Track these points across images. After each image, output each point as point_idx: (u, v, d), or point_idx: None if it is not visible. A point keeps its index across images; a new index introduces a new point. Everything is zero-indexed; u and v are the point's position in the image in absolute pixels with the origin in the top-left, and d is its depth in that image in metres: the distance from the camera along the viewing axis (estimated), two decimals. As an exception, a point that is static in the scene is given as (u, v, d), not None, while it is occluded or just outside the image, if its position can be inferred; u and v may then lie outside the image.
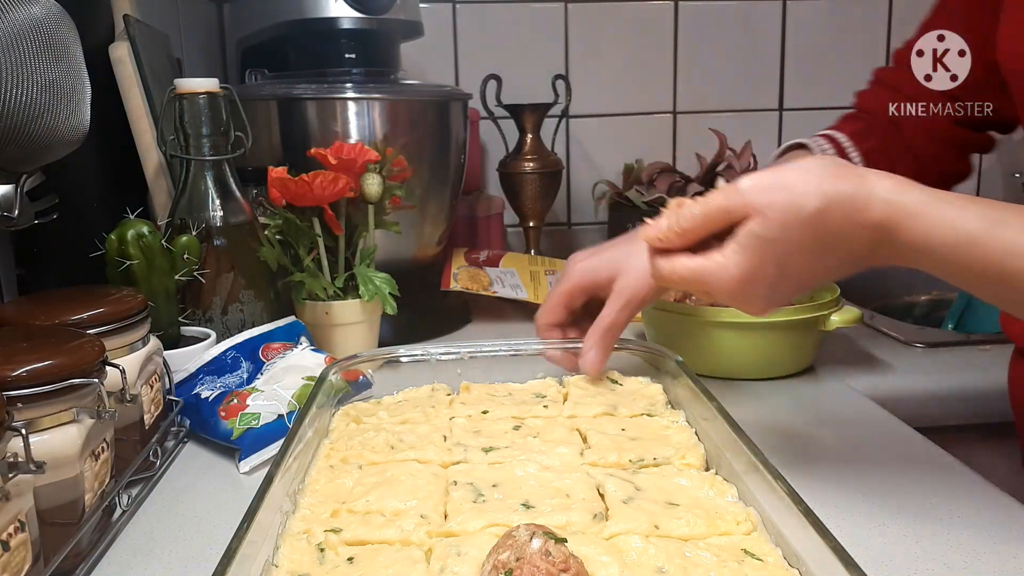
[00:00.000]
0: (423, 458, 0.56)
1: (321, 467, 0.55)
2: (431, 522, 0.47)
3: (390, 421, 0.62)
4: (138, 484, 0.63)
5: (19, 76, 0.58)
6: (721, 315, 0.81)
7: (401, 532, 0.46)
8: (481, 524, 0.47)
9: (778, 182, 0.50)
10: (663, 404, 0.65)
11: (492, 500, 0.49)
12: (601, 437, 0.58)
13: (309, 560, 0.43)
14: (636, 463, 0.55)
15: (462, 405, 0.65)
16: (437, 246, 1.12)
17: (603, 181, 1.49)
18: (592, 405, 0.64)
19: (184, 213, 0.83)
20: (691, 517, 0.47)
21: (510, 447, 0.57)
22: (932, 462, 0.65)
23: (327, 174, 0.81)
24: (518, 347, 0.71)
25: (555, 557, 0.39)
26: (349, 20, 1.03)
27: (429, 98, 1.06)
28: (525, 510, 0.48)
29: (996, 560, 0.51)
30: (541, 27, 1.52)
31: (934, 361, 0.93)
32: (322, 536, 0.46)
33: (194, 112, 0.82)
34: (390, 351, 0.70)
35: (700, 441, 0.58)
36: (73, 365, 0.50)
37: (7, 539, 0.43)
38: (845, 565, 0.37)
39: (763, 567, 0.42)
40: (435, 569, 0.42)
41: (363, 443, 0.57)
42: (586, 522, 0.47)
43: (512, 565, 0.39)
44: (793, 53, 1.59)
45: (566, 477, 0.52)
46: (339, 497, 0.50)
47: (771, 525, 0.46)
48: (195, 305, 0.83)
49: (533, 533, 0.40)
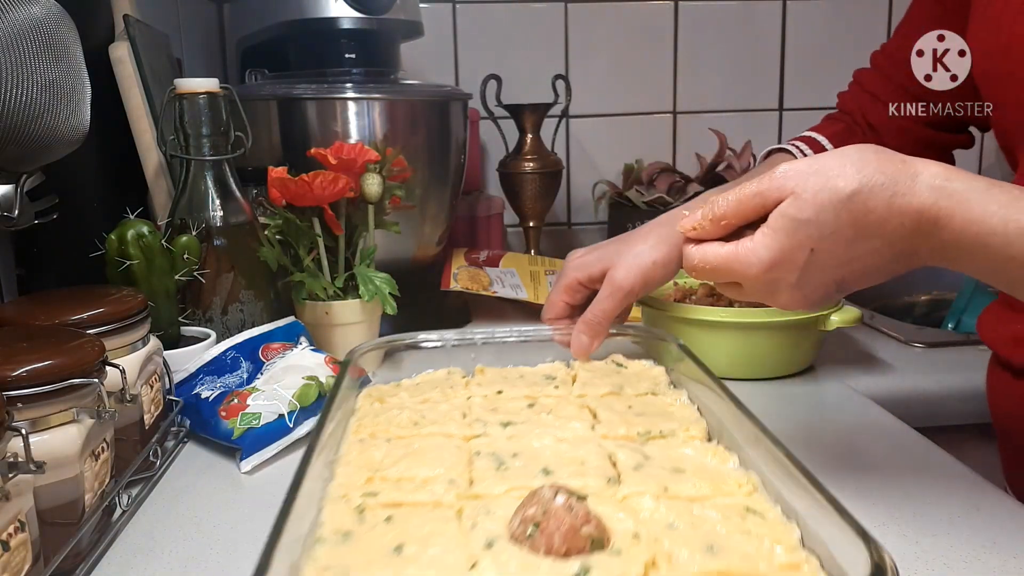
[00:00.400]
0: (446, 432, 0.59)
1: (352, 441, 0.58)
2: (459, 487, 0.51)
3: (411, 401, 0.65)
4: (138, 484, 0.63)
5: (19, 76, 0.58)
6: (721, 315, 0.81)
7: (432, 495, 0.49)
8: (505, 488, 0.50)
9: (815, 166, 0.49)
10: (666, 384, 0.68)
11: (513, 468, 0.53)
12: (610, 413, 0.61)
13: (350, 520, 0.47)
14: (644, 435, 0.58)
15: (478, 386, 0.68)
16: (437, 246, 1.12)
17: (603, 181, 1.49)
18: (600, 385, 0.67)
19: (184, 213, 0.83)
20: (697, 481, 0.50)
21: (526, 422, 0.60)
22: (932, 462, 0.65)
23: (327, 174, 0.81)
24: (527, 333, 0.75)
25: (577, 511, 0.43)
26: (349, 20, 1.04)
27: (429, 98, 1.06)
28: (545, 475, 0.51)
29: (996, 560, 0.51)
30: (541, 27, 1.52)
31: (934, 361, 0.93)
32: (360, 499, 0.49)
33: (194, 112, 0.82)
34: (410, 336, 0.73)
35: (702, 416, 0.61)
36: (73, 365, 0.51)
37: (7, 539, 0.43)
38: (840, 514, 0.41)
39: (764, 522, 0.46)
40: (467, 526, 0.46)
41: (388, 420, 0.61)
42: (601, 486, 0.50)
43: (539, 519, 0.42)
44: (793, 53, 1.59)
45: (580, 448, 0.55)
46: (371, 467, 0.53)
47: (770, 487, 0.49)
48: (195, 305, 0.83)
49: (557, 491, 0.44)
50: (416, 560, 0.42)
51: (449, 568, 0.41)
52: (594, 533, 0.43)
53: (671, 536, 0.44)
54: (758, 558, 0.42)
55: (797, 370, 0.85)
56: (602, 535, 0.43)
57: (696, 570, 0.41)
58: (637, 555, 0.42)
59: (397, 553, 0.43)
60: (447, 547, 0.43)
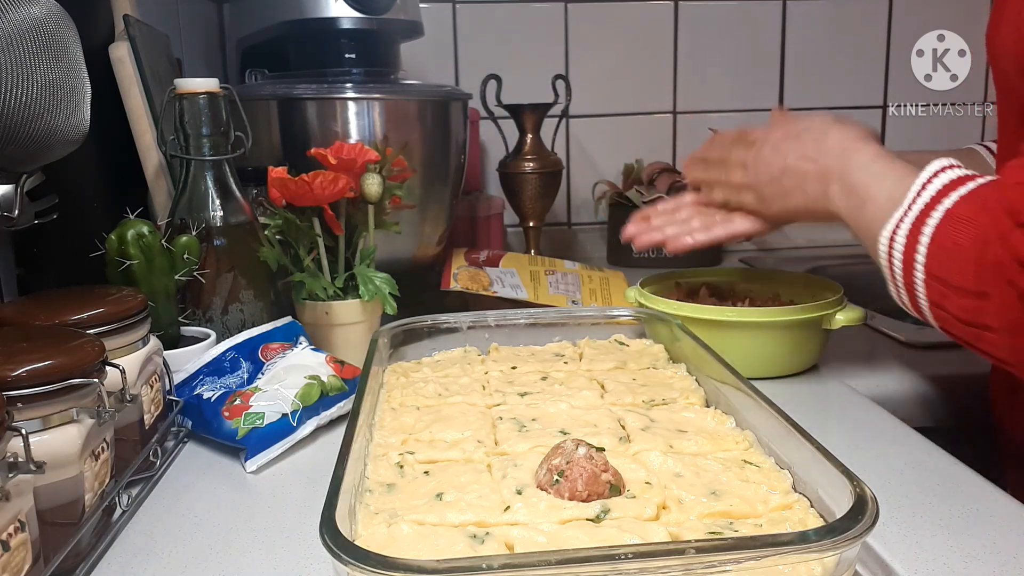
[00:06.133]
0: (470, 401, 0.65)
1: (384, 410, 0.63)
2: (486, 446, 0.56)
3: (434, 375, 0.70)
4: (138, 484, 0.63)
5: (19, 76, 0.58)
6: (726, 314, 0.81)
7: (463, 452, 0.55)
8: (528, 446, 0.56)
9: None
10: (665, 360, 0.74)
11: (534, 430, 0.59)
12: (616, 384, 0.67)
13: (392, 475, 0.53)
14: (648, 403, 0.64)
15: (494, 363, 0.73)
16: (437, 246, 1.12)
17: (603, 181, 1.49)
18: (605, 361, 0.73)
19: (184, 213, 0.83)
20: (699, 439, 0.56)
21: (541, 392, 0.66)
22: (932, 462, 0.65)
23: (327, 174, 0.81)
24: (537, 316, 0.81)
25: (597, 460, 0.49)
26: (349, 20, 1.04)
27: (429, 98, 1.06)
28: (562, 436, 0.57)
29: (996, 560, 0.51)
30: (541, 27, 1.52)
31: (934, 361, 0.93)
32: (398, 457, 0.55)
33: (194, 112, 0.82)
34: (431, 318, 0.78)
35: (700, 386, 0.67)
36: (73, 365, 0.50)
37: (7, 539, 0.43)
38: (828, 460, 0.46)
39: (760, 471, 0.52)
40: (497, 476, 0.51)
41: (415, 391, 0.66)
42: (613, 443, 0.56)
43: (563, 467, 0.48)
44: (793, 53, 1.59)
45: (591, 413, 0.62)
46: (405, 430, 0.59)
47: (765, 445, 0.55)
48: (195, 305, 0.83)
49: (578, 443, 0.50)
50: (456, 505, 0.48)
51: (486, 510, 0.47)
52: (612, 480, 0.48)
53: (679, 483, 0.50)
54: (756, 500, 0.48)
55: (802, 369, 0.85)
56: (619, 482, 0.49)
57: (702, 511, 0.47)
58: (650, 498, 0.48)
59: (438, 499, 0.49)
60: (482, 493, 0.49)
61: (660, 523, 0.46)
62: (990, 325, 0.54)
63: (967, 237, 0.55)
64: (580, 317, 0.80)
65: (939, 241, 0.57)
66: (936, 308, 0.59)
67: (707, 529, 0.45)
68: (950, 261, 0.56)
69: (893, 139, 1.63)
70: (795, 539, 0.39)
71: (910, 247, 0.59)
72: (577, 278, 1.14)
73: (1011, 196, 0.53)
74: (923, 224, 0.58)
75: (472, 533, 0.44)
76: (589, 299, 1.09)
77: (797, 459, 0.50)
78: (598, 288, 1.12)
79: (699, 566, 0.38)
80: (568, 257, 1.25)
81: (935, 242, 0.57)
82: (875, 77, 1.62)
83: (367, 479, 0.52)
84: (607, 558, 0.37)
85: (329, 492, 0.43)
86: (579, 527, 0.45)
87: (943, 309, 0.58)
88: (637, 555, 0.37)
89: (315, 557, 0.53)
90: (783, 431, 0.52)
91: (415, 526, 0.45)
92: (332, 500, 0.42)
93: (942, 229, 0.57)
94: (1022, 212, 0.51)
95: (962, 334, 0.58)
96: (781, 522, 0.46)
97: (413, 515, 0.46)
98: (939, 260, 0.57)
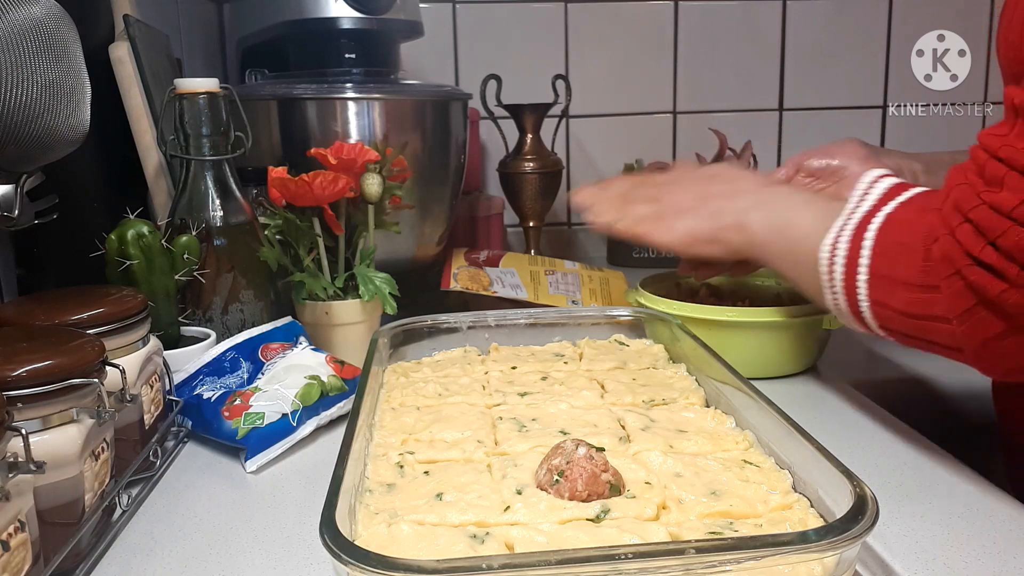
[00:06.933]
0: (470, 401, 0.65)
1: (384, 410, 0.63)
2: (486, 446, 0.56)
3: (434, 375, 0.70)
4: (138, 484, 0.63)
5: (19, 76, 0.58)
6: (726, 315, 0.81)
7: (463, 453, 0.55)
8: (528, 446, 0.56)
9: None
10: (665, 360, 0.74)
11: (534, 430, 0.59)
12: (616, 384, 0.67)
13: (392, 474, 0.53)
14: (648, 402, 0.64)
15: (494, 363, 0.73)
16: (437, 246, 1.12)
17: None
18: (605, 361, 0.73)
19: (184, 213, 0.83)
20: (699, 439, 0.56)
21: (541, 392, 0.66)
22: (932, 462, 0.65)
23: (327, 174, 0.81)
24: (537, 316, 0.81)
25: (597, 460, 0.49)
26: (349, 20, 1.04)
27: (429, 98, 1.06)
28: (562, 436, 0.57)
29: (996, 560, 0.51)
30: (541, 27, 1.52)
31: (935, 361, 0.93)
32: (398, 457, 0.55)
33: (194, 112, 0.82)
34: (431, 318, 0.78)
35: (700, 386, 0.67)
36: (73, 365, 0.50)
37: (7, 539, 0.43)
38: (828, 460, 0.46)
39: (760, 471, 0.52)
40: (498, 476, 0.51)
41: (415, 391, 0.66)
42: (614, 443, 0.56)
43: (563, 468, 0.48)
44: (793, 53, 1.59)
45: (591, 413, 0.62)
46: (405, 430, 0.59)
47: (765, 445, 0.55)
48: (195, 305, 0.83)
49: (578, 443, 0.50)
50: (456, 504, 0.48)
51: (486, 510, 0.47)
52: (612, 480, 0.48)
53: (678, 483, 0.50)
54: (756, 501, 0.48)
55: (802, 368, 0.85)
56: (619, 482, 0.49)
57: (702, 511, 0.47)
58: (650, 498, 0.48)
59: (438, 499, 0.49)
60: (482, 493, 0.49)
61: (660, 523, 0.46)
62: (941, 316, 0.57)
63: (913, 236, 0.58)
64: (580, 317, 0.80)
65: (883, 242, 0.60)
66: (878, 306, 0.61)
67: (707, 529, 0.45)
68: (896, 259, 0.59)
69: (893, 139, 1.63)
70: (795, 539, 0.39)
71: (853, 251, 0.61)
72: (577, 278, 1.14)
73: (956, 195, 0.55)
74: (865, 229, 0.61)
75: (472, 533, 0.44)
76: (589, 299, 1.09)
77: (797, 459, 0.51)
78: (598, 288, 1.12)
79: (699, 566, 0.38)
80: (568, 257, 1.25)
81: (879, 243, 0.60)
82: (875, 77, 1.62)
83: (367, 479, 0.52)
84: (607, 558, 0.37)
85: (329, 492, 0.43)
86: (579, 527, 0.45)
87: (886, 307, 0.61)
88: (637, 555, 0.37)
89: (315, 557, 0.53)
90: (783, 431, 0.52)
91: (415, 526, 0.45)
92: (332, 500, 0.42)
93: (885, 231, 0.60)
94: (968, 208, 0.54)
95: (906, 329, 0.61)
96: (781, 522, 0.46)
97: (413, 515, 0.47)
98: (885, 259, 0.60)
